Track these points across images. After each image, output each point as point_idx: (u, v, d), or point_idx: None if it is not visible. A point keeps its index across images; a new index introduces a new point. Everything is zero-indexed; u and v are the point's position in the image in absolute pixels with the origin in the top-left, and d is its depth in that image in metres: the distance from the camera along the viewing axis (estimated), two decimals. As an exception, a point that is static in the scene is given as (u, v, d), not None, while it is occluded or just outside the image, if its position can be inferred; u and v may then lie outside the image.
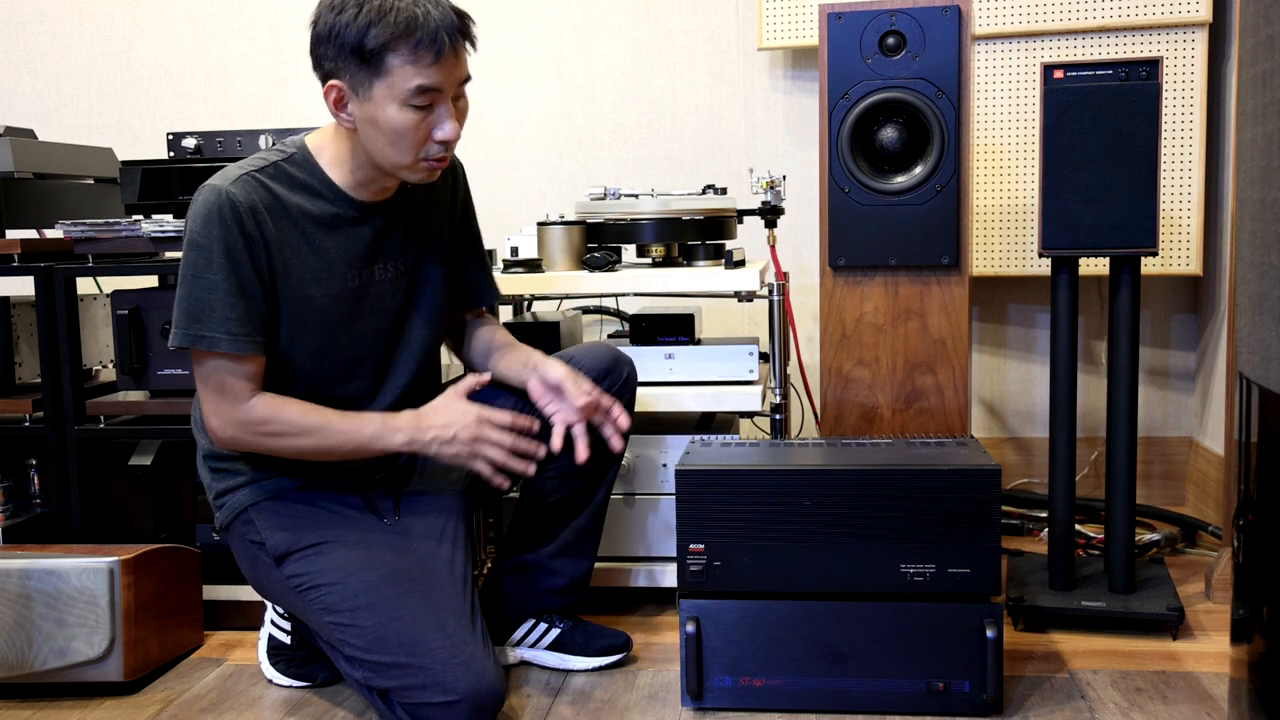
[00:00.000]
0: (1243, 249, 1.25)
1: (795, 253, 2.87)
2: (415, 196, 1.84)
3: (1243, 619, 1.27)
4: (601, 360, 1.90)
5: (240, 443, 1.71)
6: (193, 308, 1.65)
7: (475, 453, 1.73)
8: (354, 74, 1.61)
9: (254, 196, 1.66)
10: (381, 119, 1.62)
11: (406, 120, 1.62)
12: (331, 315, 1.75)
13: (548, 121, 2.98)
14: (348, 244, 1.75)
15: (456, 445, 1.72)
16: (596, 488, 1.94)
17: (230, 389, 1.68)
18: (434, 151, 1.67)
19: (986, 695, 1.67)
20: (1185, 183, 2.56)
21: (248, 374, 1.68)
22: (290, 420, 1.69)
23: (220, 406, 1.69)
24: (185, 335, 1.65)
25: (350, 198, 1.75)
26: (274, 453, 1.73)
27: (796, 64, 2.88)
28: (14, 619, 1.85)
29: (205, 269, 1.64)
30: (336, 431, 1.71)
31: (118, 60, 3.11)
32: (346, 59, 1.61)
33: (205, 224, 1.64)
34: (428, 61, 1.59)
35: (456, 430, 1.72)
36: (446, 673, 1.58)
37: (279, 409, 1.69)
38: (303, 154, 1.74)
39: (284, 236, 1.69)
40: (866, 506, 1.69)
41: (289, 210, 1.70)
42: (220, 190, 1.65)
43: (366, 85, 1.61)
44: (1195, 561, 2.40)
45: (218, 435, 1.71)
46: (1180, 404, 2.81)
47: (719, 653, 1.73)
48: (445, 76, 1.62)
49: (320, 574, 1.70)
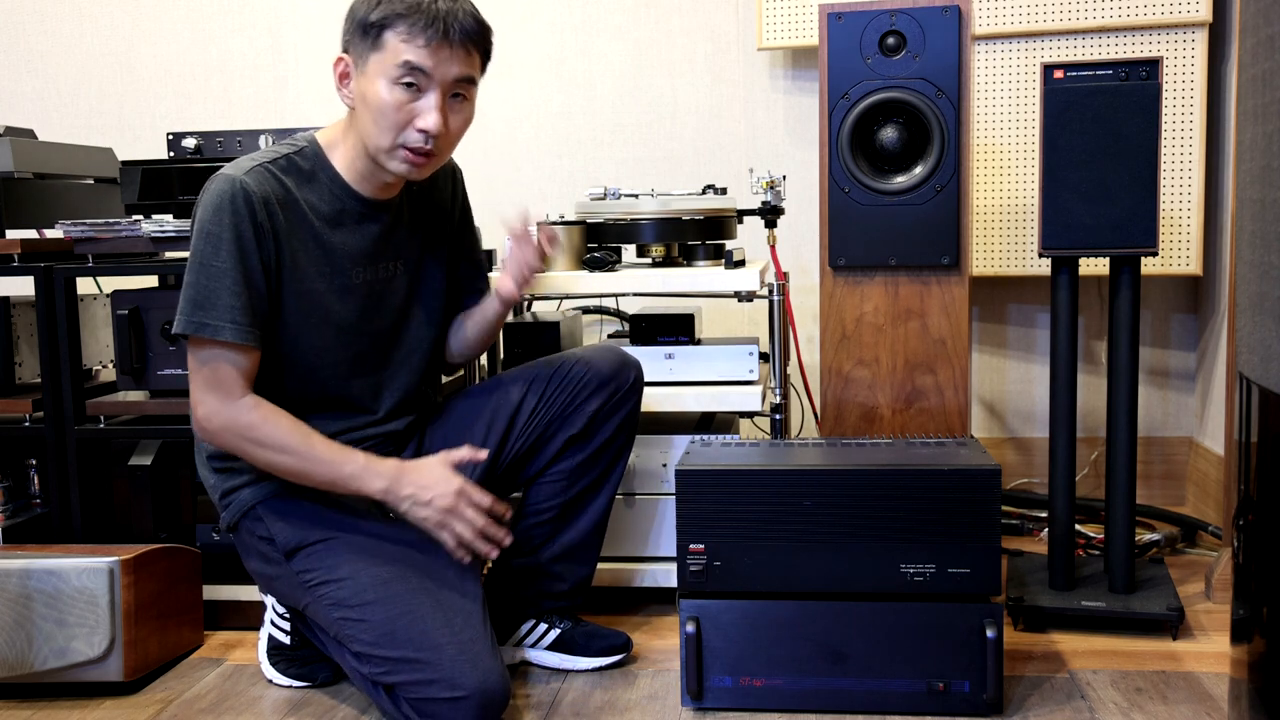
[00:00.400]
0: (1243, 249, 1.25)
1: (795, 253, 2.87)
2: (418, 198, 1.85)
3: (1243, 619, 1.27)
4: (609, 363, 1.90)
5: (223, 439, 1.69)
6: (199, 295, 1.65)
7: (444, 523, 1.69)
8: (357, 47, 1.66)
9: (266, 188, 1.67)
10: (371, 93, 1.65)
11: (392, 98, 1.64)
12: (336, 311, 1.75)
13: (548, 121, 2.98)
14: (353, 240, 1.76)
15: (429, 510, 1.68)
16: (600, 491, 1.94)
17: (224, 381, 1.67)
18: (413, 140, 1.66)
19: (986, 695, 1.67)
20: (1185, 183, 2.56)
21: (243, 367, 1.68)
22: (273, 434, 1.67)
23: (208, 397, 1.67)
24: (189, 322, 1.65)
25: (357, 194, 1.75)
26: (248, 459, 1.71)
27: (796, 64, 2.88)
28: (14, 619, 1.85)
29: (214, 256, 1.64)
30: (317, 460, 1.68)
31: (118, 60, 3.11)
32: (354, 32, 1.66)
33: (217, 212, 1.65)
34: (420, 42, 1.62)
35: (434, 496, 1.68)
36: (455, 669, 1.58)
37: (268, 418, 1.67)
38: (313, 149, 1.75)
39: (293, 230, 1.70)
40: (866, 506, 1.69)
41: (298, 204, 1.71)
42: (234, 179, 1.65)
43: (365, 58, 1.65)
44: (1195, 561, 2.40)
45: (203, 426, 1.69)
46: (1180, 404, 2.81)
47: (719, 653, 1.73)
48: (436, 63, 1.63)
49: (331, 569, 1.70)
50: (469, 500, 1.70)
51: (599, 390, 1.88)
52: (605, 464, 1.92)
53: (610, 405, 1.89)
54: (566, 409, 1.88)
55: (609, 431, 1.90)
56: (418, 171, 1.71)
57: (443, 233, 1.89)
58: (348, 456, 1.70)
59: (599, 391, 1.88)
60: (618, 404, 1.90)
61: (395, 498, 1.69)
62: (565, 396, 1.88)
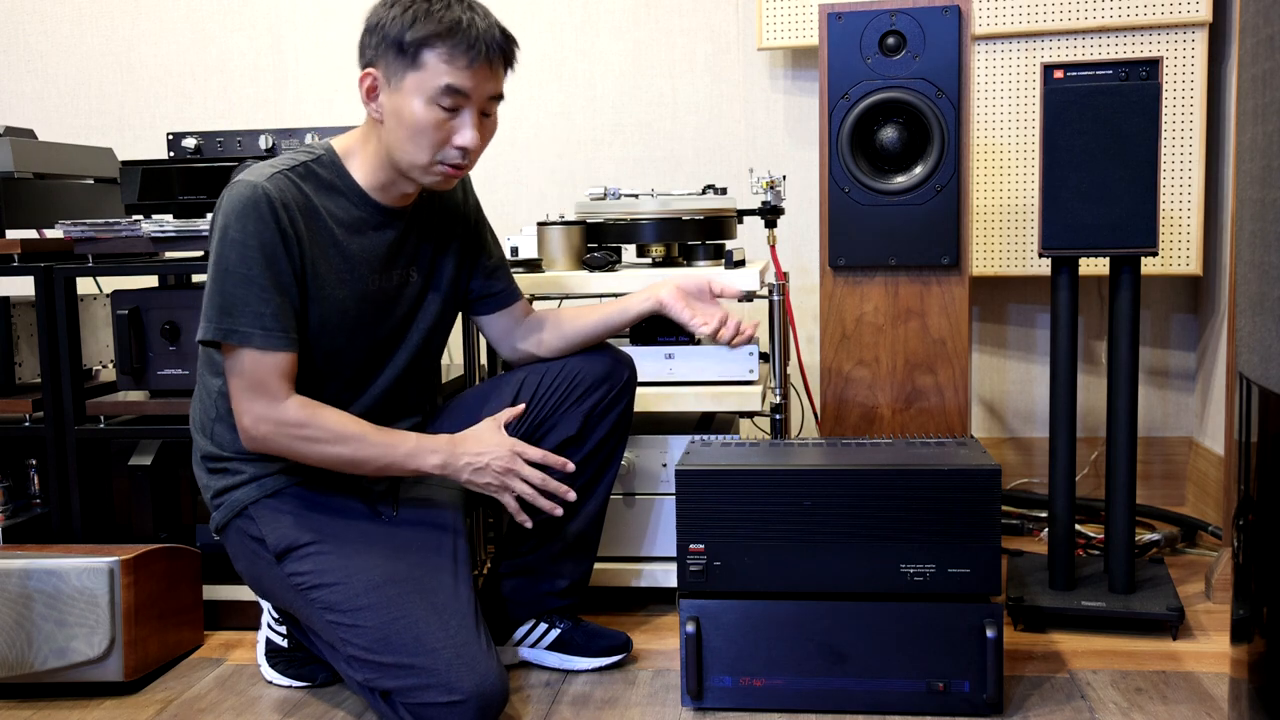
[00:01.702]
0: (1243, 249, 1.25)
1: (795, 253, 2.87)
2: (429, 203, 1.85)
3: (1243, 619, 1.27)
4: (602, 362, 1.91)
5: (272, 443, 1.69)
6: (225, 302, 1.64)
7: (505, 485, 1.74)
8: (390, 64, 1.65)
9: (287, 194, 1.67)
10: (406, 111, 1.65)
11: (430, 117, 1.65)
12: (352, 317, 1.75)
13: (548, 121, 2.98)
14: (370, 247, 1.76)
15: (489, 474, 1.73)
16: (596, 489, 1.94)
17: (265, 386, 1.66)
18: (451, 157, 1.68)
19: (986, 695, 1.67)
20: (1185, 183, 2.56)
21: (282, 371, 1.67)
22: (327, 426, 1.68)
23: (253, 405, 1.67)
24: (216, 329, 1.65)
25: (374, 202, 1.76)
26: (303, 458, 1.71)
27: (796, 64, 2.88)
28: (14, 619, 1.85)
29: (238, 263, 1.64)
30: (372, 444, 1.70)
31: (118, 60, 3.11)
32: (387, 48, 1.65)
33: (241, 218, 1.64)
34: (462, 64, 1.63)
35: (490, 460, 1.73)
36: (451, 673, 1.58)
37: (316, 413, 1.68)
38: (330, 156, 1.75)
39: (314, 237, 1.70)
40: (866, 506, 1.69)
41: (317, 211, 1.71)
42: (257, 186, 1.65)
43: (400, 76, 1.65)
44: (1195, 561, 2.40)
45: (249, 434, 1.69)
46: (1180, 404, 2.81)
47: (719, 653, 1.73)
48: (476, 84, 1.65)
49: (322, 573, 1.69)
50: (524, 457, 1.75)
51: (592, 390, 1.89)
52: (601, 461, 1.92)
53: (604, 405, 1.90)
54: (560, 407, 1.88)
55: (604, 430, 1.90)
56: (448, 185, 1.74)
57: (455, 236, 1.89)
58: (400, 439, 1.73)
59: (592, 391, 1.89)
60: (611, 403, 1.90)
61: (454, 469, 1.73)
62: (558, 396, 1.88)
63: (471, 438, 1.76)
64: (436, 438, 1.76)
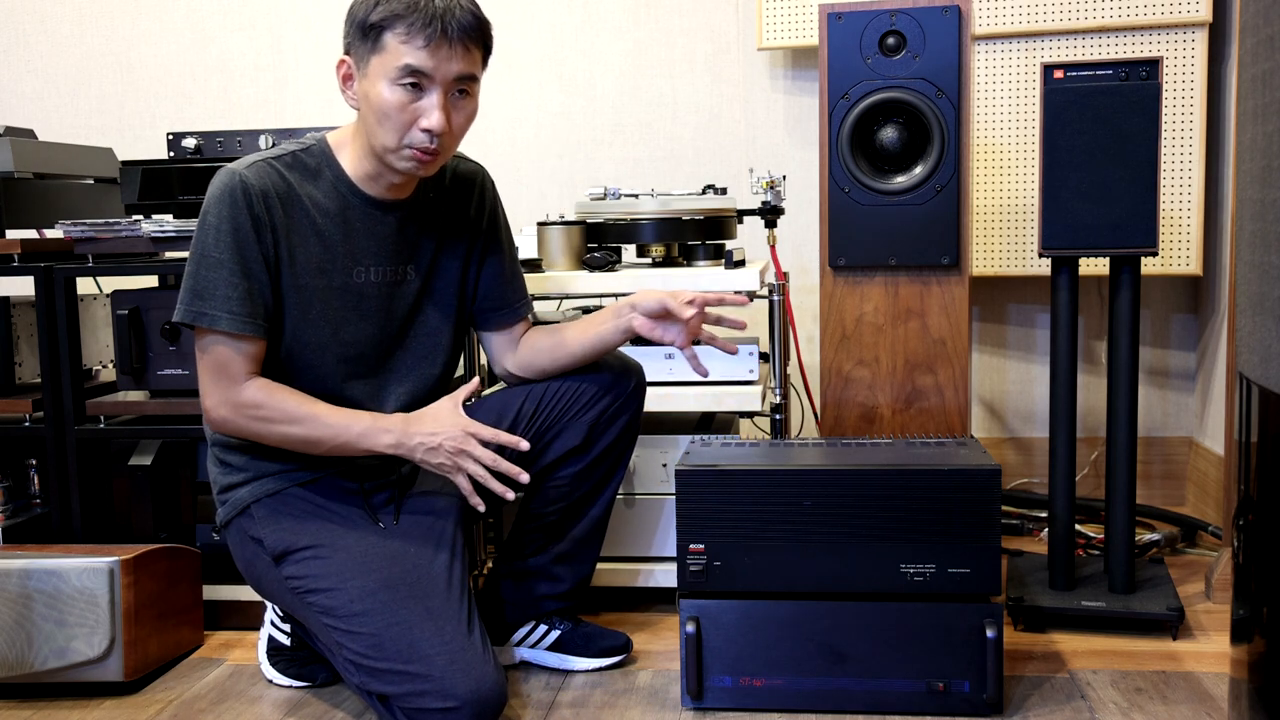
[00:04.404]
0: (1243, 249, 1.25)
1: (795, 253, 2.87)
2: (436, 203, 1.84)
3: (1243, 619, 1.27)
4: (609, 370, 1.89)
5: (231, 425, 1.72)
6: (197, 285, 1.67)
7: (457, 465, 1.71)
8: (358, 49, 1.66)
9: (267, 182, 1.69)
10: (373, 95, 1.65)
11: (394, 99, 1.64)
12: (334, 307, 1.75)
13: (548, 121, 2.98)
14: (357, 240, 1.76)
15: (441, 454, 1.71)
16: (600, 495, 1.93)
17: (227, 369, 1.69)
18: (418, 140, 1.67)
19: (986, 695, 1.67)
20: (1185, 183, 2.56)
21: (246, 355, 1.69)
22: (281, 407, 1.70)
23: (215, 387, 1.70)
24: (187, 311, 1.68)
25: (363, 194, 1.76)
26: (262, 439, 1.73)
27: (796, 64, 2.88)
28: (14, 619, 1.85)
29: (212, 248, 1.67)
30: (326, 424, 1.71)
31: (118, 60, 3.11)
32: (355, 34, 1.66)
33: (217, 204, 1.67)
34: (420, 43, 1.62)
35: (442, 439, 1.71)
36: (446, 679, 1.57)
37: (272, 394, 1.70)
38: (320, 146, 1.76)
39: (293, 224, 1.71)
40: (866, 506, 1.69)
41: (300, 200, 1.72)
42: (234, 173, 1.68)
43: (366, 60, 1.66)
44: (1195, 561, 2.40)
45: (210, 416, 1.72)
46: (1180, 404, 2.81)
47: (719, 653, 1.73)
48: (436, 63, 1.63)
49: (318, 578, 1.69)
50: (477, 438, 1.71)
51: (596, 400, 1.87)
52: (606, 469, 1.91)
53: (609, 414, 1.88)
54: (563, 417, 1.86)
55: (609, 439, 1.89)
56: (425, 169, 1.72)
57: (461, 241, 1.86)
58: (354, 418, 1.72)
59: (596, 401, 1.87)
60: (617, 412, 1.89)
61: (407, 449, 1.72)
62: (561, 405, 1.86)
63: (428, 417, 1.74)
64: (391, 417, 1.74)
